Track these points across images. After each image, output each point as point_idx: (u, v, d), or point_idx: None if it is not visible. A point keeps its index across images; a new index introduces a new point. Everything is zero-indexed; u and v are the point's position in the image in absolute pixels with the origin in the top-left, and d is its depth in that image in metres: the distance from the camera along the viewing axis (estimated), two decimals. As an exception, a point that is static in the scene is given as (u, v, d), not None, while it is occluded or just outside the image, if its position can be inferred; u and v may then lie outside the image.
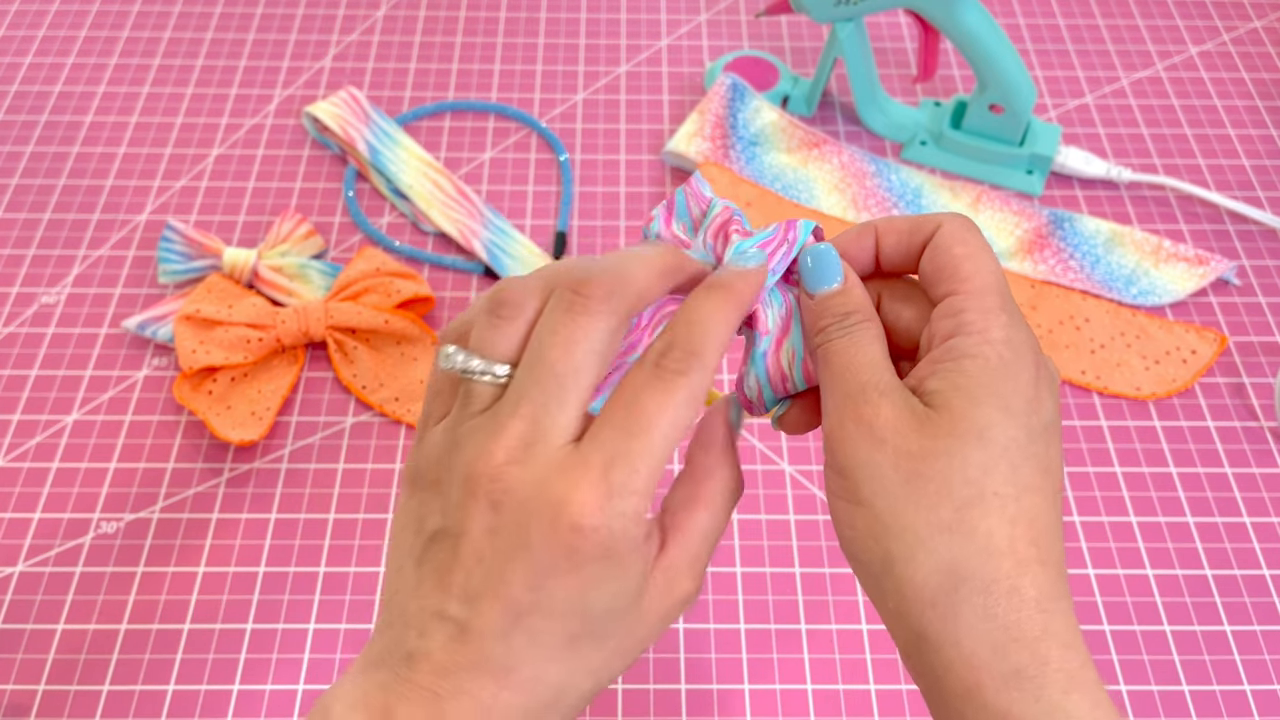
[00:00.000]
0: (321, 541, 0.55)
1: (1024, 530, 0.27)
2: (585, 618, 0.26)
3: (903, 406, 0.27)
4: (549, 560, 0.25)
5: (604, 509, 0.25)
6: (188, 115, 0.74)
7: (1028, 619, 0.26)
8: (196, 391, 0.58)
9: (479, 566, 0.26)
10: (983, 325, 0.28)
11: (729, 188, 0.68)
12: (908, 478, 0.27)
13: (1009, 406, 0.27)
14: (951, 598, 0.26)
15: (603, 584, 0.26)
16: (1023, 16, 0.82)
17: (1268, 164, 0.72)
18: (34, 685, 0.50)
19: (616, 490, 0.25)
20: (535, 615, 0.26)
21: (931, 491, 0.27)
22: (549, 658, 0.26)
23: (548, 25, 0.81)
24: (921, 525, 0.27)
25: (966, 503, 0.26)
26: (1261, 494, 0.57)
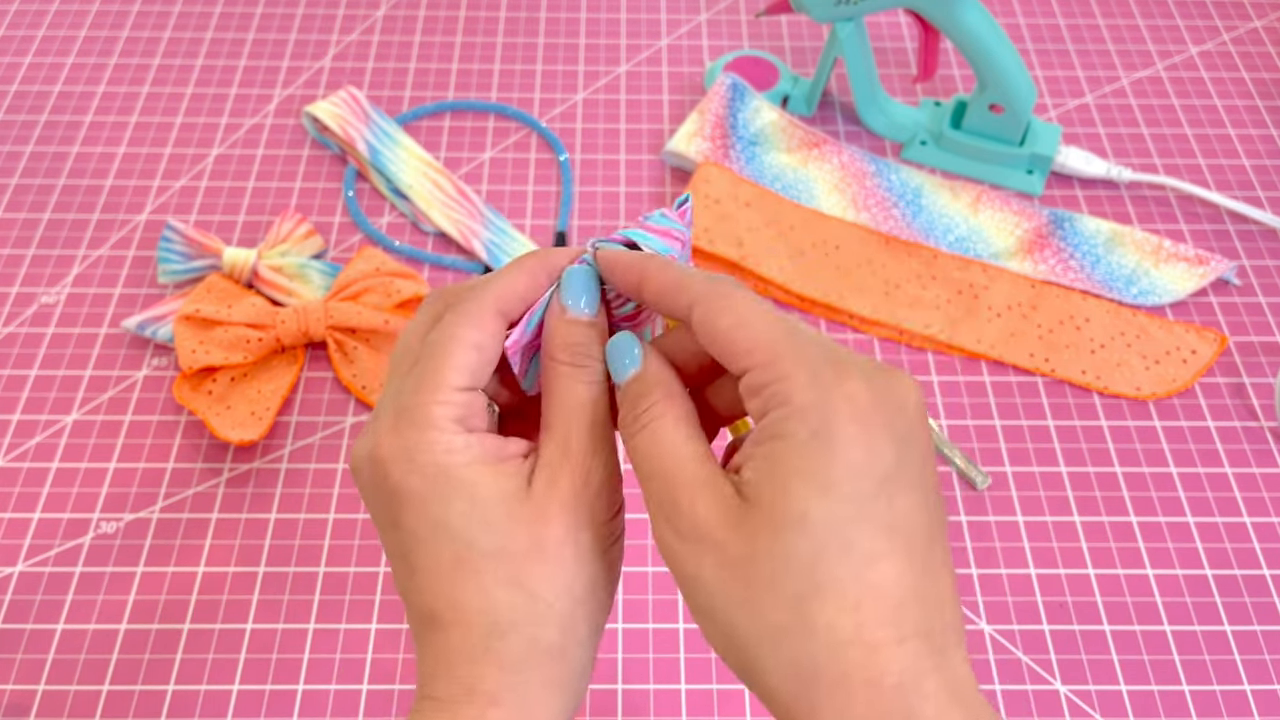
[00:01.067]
0: (321, 541, 0.55)
1: (872, 611, 0.24)
2: (452, 537, 0.27)
3: (717, 504, 0.26)
4: (384, 500, 0.28)
5: (394, 434, 0.28)
6: (187, 115, 0.74)
7: (891, 707, 0.24)
8: (196, 391, 0.58)
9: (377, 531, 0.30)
10: (783, 396, 0.25)
11: (729, 188, 0.68)
12: (737, 586, 0.25)
13: (826, 482, 0.24)
14: (809, 700, 0.24)
15: (435, 500, 0.27)
16: (1023, 16, 0.82)
17: (1268, 164, 0.72)
18: (34, 685, 0.50)
19: (403, 413, 0.28)
20: (412, 553, 0.28)
21: (762, 595, 0.25)
22: (452, 586, 0.27)
23: (548, 25, 0.81)
24: (760, 631, 0.25)
25: (800, 599, 0.24)
26: (1261, 494, 0.57)
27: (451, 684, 0.27)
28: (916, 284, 0.64)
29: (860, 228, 0.67)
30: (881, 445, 0.25)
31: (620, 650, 0.52)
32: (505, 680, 0.27)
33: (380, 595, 0.53)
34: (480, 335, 0.29)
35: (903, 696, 0.24)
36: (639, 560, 0.54)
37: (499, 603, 0.27)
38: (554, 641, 0.28)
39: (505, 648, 0.27)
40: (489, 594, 0.27)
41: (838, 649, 0.24)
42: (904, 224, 0.68)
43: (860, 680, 0.24)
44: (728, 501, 0.25)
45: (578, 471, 0.28)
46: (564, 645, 0.28)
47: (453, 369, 0.28)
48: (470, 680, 0.27)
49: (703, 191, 0.68)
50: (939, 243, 0.67)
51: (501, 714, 0.27)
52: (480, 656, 0.27)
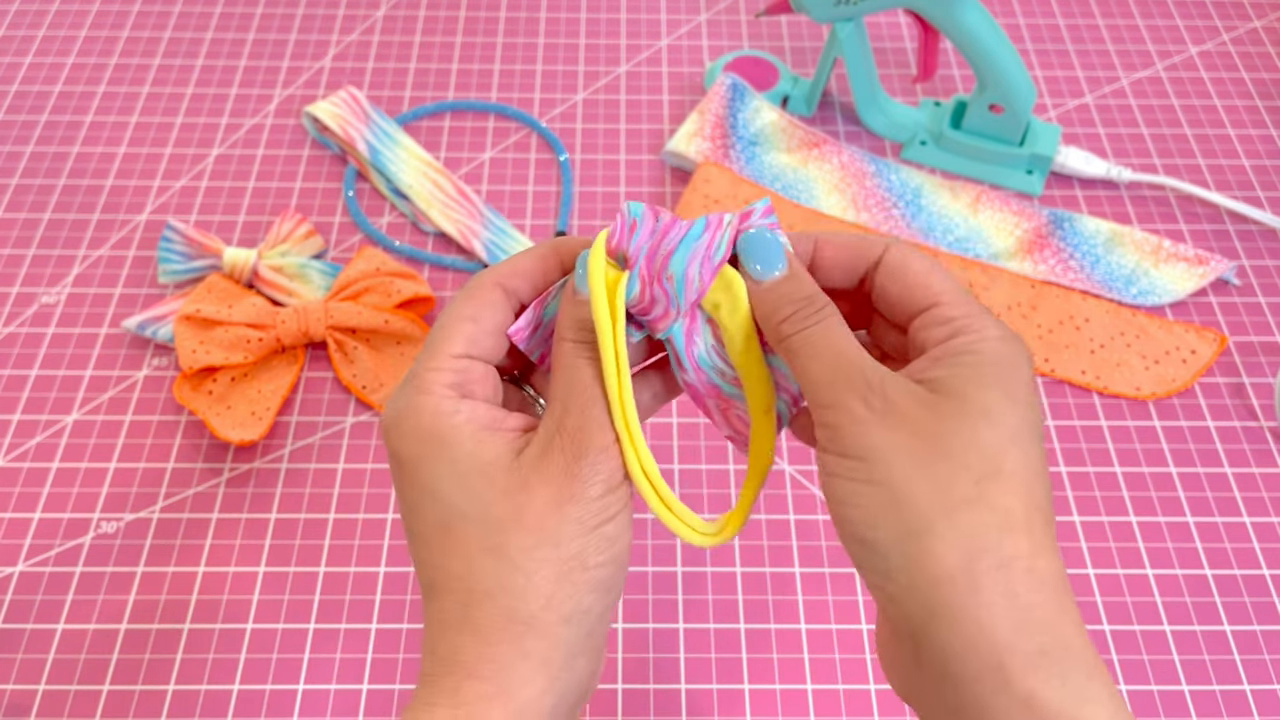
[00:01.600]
0: (321, 541, 0.55)
1: (1035, 512, 0.27)
2: (435, 499, 0.28)
3: (907, 391, 0.28)
4: (391, 465, 0.29)
5: (392, 400, 0.29)
6: (188, 115, 0.74)
7: (1046, 600, 0.26)
8: (196, 391, 0.58)
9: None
10: (979, 326, 0.28)
11: (729, 188, 0.68)
12: (925, 456, 0.27)
13: (1013, 394, 0.27)
14: (971, 571, 0.26)
15: (423, 463, 0.28)
16: (1023, 16, 0.82)
17: (1268, 164, 0.72)
18: (34, 685, 0.50)
19: (407, 380, 0.29)
20: (409, 520, 0.29)
21: (950, 467, 0.26)
22: (443, 553, 0.28)
23: (548, 25, 0.81)
24: (942, 500, 0.26)
25: (985, 477, 0.26)
26: (1261, 494, 0.57)
27: (435, 655, 0.28)
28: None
29: (860, 228, 0.67)
30: (1036, 400, 0.28)
31: (620, 650, 0.52)
32: (481, 652, 0.27)
33: (380, 595, 0.53)
34: (475, 307, 0.30)
35: (1057, 594, 0.26)
36: (639, 560, 0.54)
37: (477, 569, 0.27)
38: (533, 614, 0.27)
39: (482, 616, 0.27)
40: (470, 560, 0.27)
41: (1012, 531, 0.26)
42: (904, 224, 0.68)
43: (1025, 566, 0.26)
44: (916, 390, 0.28)
45: (569, 445, 0.28)
46: (546, 620, 0.27)
47: (447, 338, 0.29)
48: (449, 651, 0.27)
49: (702, 191, 0.68)
50: (939, 243, 0.67)
51: (479, 688, 0.27)
52: (458, 625, 0.27)
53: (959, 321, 0.29)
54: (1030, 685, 0.25)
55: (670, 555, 0.55)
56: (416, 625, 0.52)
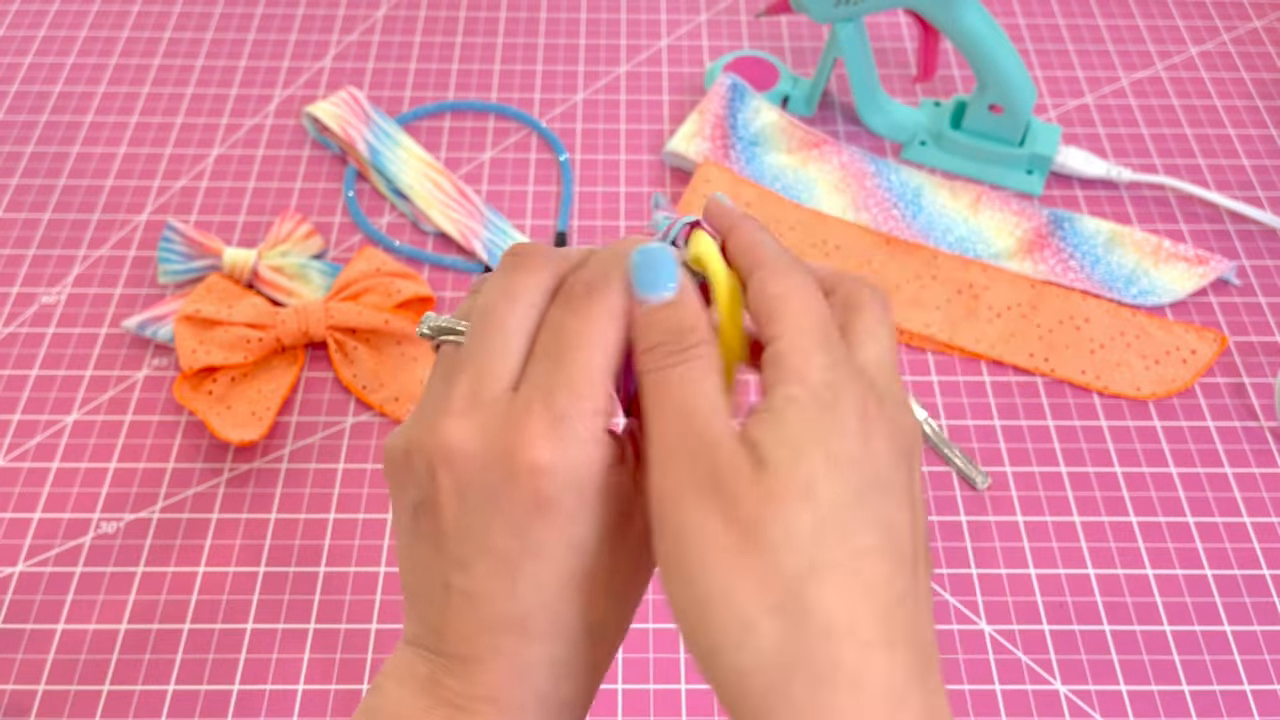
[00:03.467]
0: (321, 541, 0.55)
1: (866, 607, 0.23)
2: (581, 554, 0.26)
3: (736, 459, 0.24)
4: (522, 509, 0.25)
5: (556, 441, 0.25)
6: (188, 115, 0.74)
7: (875, 716, 0.22)
8: (196, 391, 0.58)
9: (459, 529, 0.26)
10: (800, 368, 0.25)
11: (729, 188, 0.68)
12: (737, 548, 0.23)
13: (833, 457, 0.24)
14: (785, 690, 0.23)
15: (583, 514, 0.25)
16: (1023, 16, 0.82)
17: (1268, 164, 0.72)
18: (34, 685, 0.50)
19: (562, 418, 0.25)
20: (528, 561, 0.26)
21: (761, 564, 0.23)
22: (559, 599, 0.26)
23: (548, 25, 0.81)
24: (750, 605, 0.23)
25: (798, 577, 0.23)
26: (1261, 494, 0.57)
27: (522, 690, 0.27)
28: (916, 284, 0.64)
29: (860, 228, 0.67)
30: (882, 446, 0.25)
31: (620, 650, 0.52)
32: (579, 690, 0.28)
33: (380, 596, 0.53)
34: (621, 335, 0.26)
35: (888, 706, 0.23)
36: (639, 560, 0.54)
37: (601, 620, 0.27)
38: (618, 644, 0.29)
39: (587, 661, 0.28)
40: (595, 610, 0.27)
41: (831, 639, 0.23)
42: (904, 224, 0.68)
43: (848, 679, 0.23)
44: (743, 459, 0.24)
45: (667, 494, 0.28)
46: (617, 643, 0.29)
47: (604, 372, 0.26)
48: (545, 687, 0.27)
49: (703, 192, 0.68)
50: (939, 243, 0.67)
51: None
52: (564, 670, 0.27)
53: (782, 361, 0.25)
54: None
55: (670, 555, 0.55)
56: (416, 625, 0.52)
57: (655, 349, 0.26)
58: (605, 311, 0.26)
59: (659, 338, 0.26)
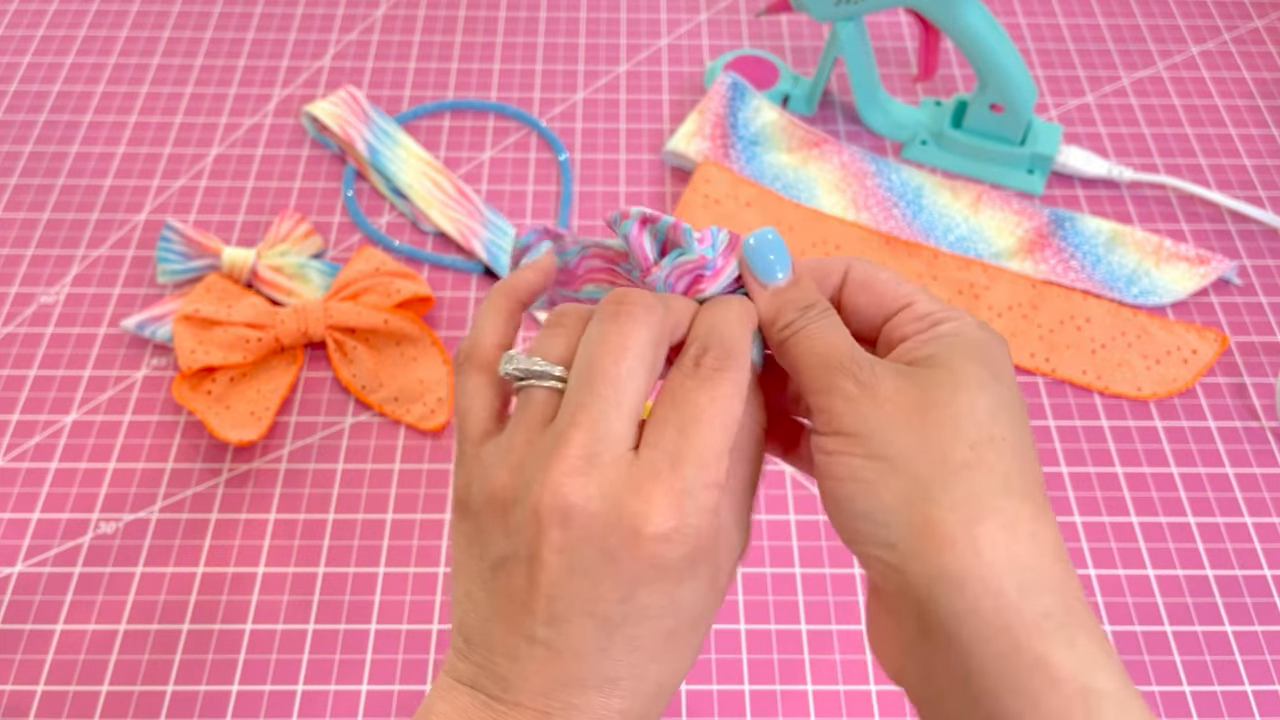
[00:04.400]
0: (321, 541, 0.55)
1: (1031, 479, 0.27)
2: (678, 614, 0.27)
3: (897, 370, 0.28)
4: (636, 572, 0.26)
5: (682, 511, 0.26)
6: (187, 115, 0.74)
7: (1049, 566, 0.26)
8: (195, 391, 0.58)
9: (561, 588, 0.26)
10: (956, 316, 0.29)
11: (729, 187, 0.68)
12: (920, 425, 0.27)
13: (997, 372, 0.28)
14: (974, 533, 0.26)
15: (690, 580, 0.26)
16: (1023, 16, 0.82)
17: (1269, 163, 0.72)
18: (33, 686, 0.50)
19: (690, 490, 0.26)
20: (629, 625, 0.26)
21: (945, 434, 0.27)
22: (650, 659, 0.27)
23: (548, 25, 0.81)
24: (939, 466, 0.26)
25: (980, 443, 0.27)
26: (1263, 494, 0.57)
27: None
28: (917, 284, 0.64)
29: (861, 227, 0.67)
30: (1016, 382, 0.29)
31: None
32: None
33: (380, 596, 0.53)
34: (742, 410, 0.28)
35: (1058, 561, 0.26)
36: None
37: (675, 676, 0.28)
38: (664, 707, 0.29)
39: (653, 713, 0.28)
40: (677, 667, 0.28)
41: (1011, 495, 0.26)
42: (904, 224, 0.68)
43: (1028, 530, 0.26)
44: (905, 369, 0.28)
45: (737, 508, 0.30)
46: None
47: (726, 448, 0.27)
48: None
49: (703, 191, 0.68)
50: (939, 243, 0.67)
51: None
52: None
53: (936, 314, 0.29)
54: (1040, 648, 0.25)
55: (670, 555, 0.54)
56: (416, 626, 0.52)
57: (791, 321, 0.29)
58: (735, 390, 0.27)
59: (791, 313, 0.29)
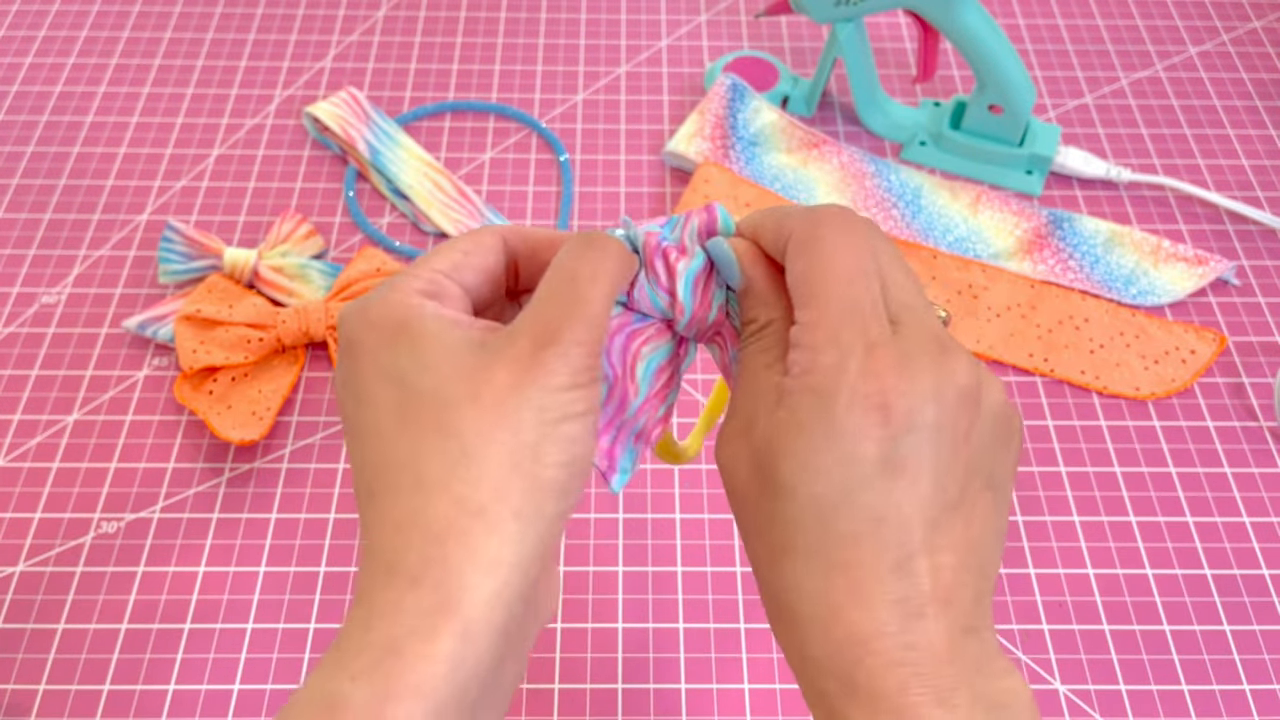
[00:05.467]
0: (321, 541, 0.55)
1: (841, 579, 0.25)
2: (390, 380, 0.26)
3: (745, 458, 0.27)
4: (341, 364, 0.28)
5: (379, 299, 0.27)
6: (188, 115, 0.74)
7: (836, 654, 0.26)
8: (197, 391, 0.58)
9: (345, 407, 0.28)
10: (809, 363, 0.26)
11: (729, 188, 0.68)
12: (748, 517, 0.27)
13: (814, 465, 0.25)
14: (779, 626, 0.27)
15: (383, 349, 0.26)
16: (1022, 16, 0.82)
17: (1267, 164, 0.72)
18: (34, 685, 0.51)
19: (393, 283, 0.27)
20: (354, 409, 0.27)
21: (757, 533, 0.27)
22: (389, 439, 0.26)
23: (548, 25, 0.81)
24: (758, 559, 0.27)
25: (774, 550, 0.26)
26: (1261, 494, 0.57)
27: (371, 565, 0.25)
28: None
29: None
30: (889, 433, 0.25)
31: (620, 650, 0.52)
32: (427, 552, 0.24)
33: (380, 595, 0.53)
34: (470, 243, 0.29)
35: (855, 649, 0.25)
36: (639, 560, 0.54)
37: (426, 451, 0.25)
38: (483, 505, 0.25)
39: (429, 508, 0.24)
40: (420, 442, 0.25)
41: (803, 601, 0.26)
42: (904, 224, 0.68)
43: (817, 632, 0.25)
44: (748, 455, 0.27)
45: (540, 331, 0.26)
46: (496, 513, 0.25)
47: (431, 258, 0.28)
48: (390, 555, 0.24)
49: (703, 192, 0.68)
50: (938, 243, 0.67)
51: (420, 597, 0.24)
52: (405, 522, 0.25)
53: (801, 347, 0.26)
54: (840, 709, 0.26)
55: (670, 555, 0.55)
56: (417, 625, 0.52)
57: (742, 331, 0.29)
58: (467, 234, 0.29)
59: (742, 329, 0.29)
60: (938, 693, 0.24)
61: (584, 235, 0.28)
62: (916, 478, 0.25)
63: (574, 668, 0.51)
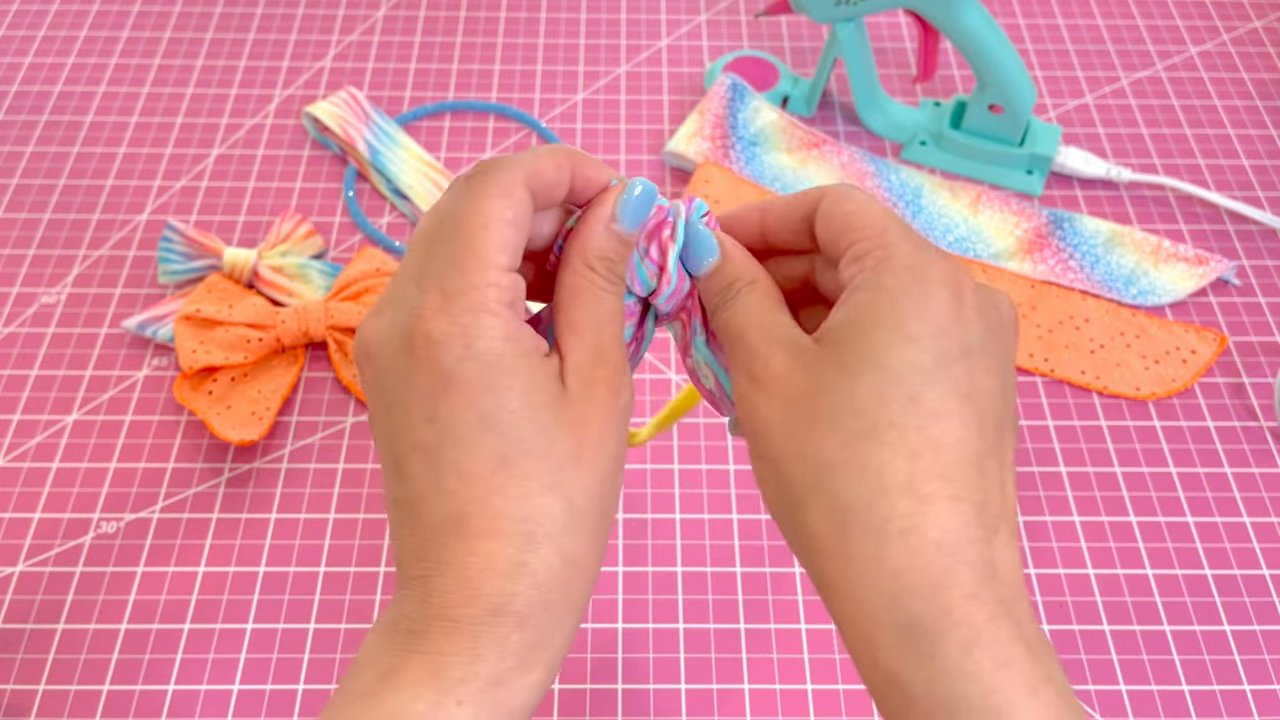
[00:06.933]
0: (321, 541, 0.55)
1: (929, 463, 0.24)
2: (498, 432, 0.25)
3: (793, 350, 0.27)
4: (425, 385, 0.25)
5: (447, 312, 0.25)
6: (188, 115, 0.74)
7: (926, 564, 0.24)
8: (196, 391, 0.58)
9: (390, 431, 0.26)
10: (884, 256, 0.26)
11: (729, 188, 0.68)
12: (795, 421, 0.25)
13: (909, 331, 0.25)
14: (842, 541, 0.24)
15: (489, 390, 0.25)
16: (1023, 16, 0.82)
17: (1267, 164, 0.72)
18: (34, 685, 0.50)
19: (453, 293, 0.25)
20: (448, 447, 0.25)
21: (817, 430, 0.25)
22: (492, 489, 0.25)
23: (548, 25, 0.81)
24: (809, 467, 0.25)
25: (854, 436, 0.24)
26: (1261, 494, 0.57)
27: (474, 603, 0.25)
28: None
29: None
30: (972, 319, 0.25)
31: (620, 650, 0.52)
32: (536, 598, 0.25)
33: (380, 595, 0.53)
34: (515, 210, 0.26)
35: (941, 554, 0.24)
36: (639, 560, 0.54)
37: (540, 511, 0.25)
38: (581, 554, 0.26)
39: (539, 562, 0.25)
40: (531, 501, 0.25)
41: (885, 493, 0.24)
42: (904, 224, 0.68)
43: (900, 528, 0.24)
44: (803, 347, 0.26)
45: (612, 380, 0.27)
46: (586, 559, 0.26)
47: (496, 248, 0.26)
48: (498, 599, 0.25)
49: (703, 192, 0.68)
50: (939, 243, 0.67)
51: (525, 637, 0.25)
52: (513, 572, 0.25)
53: (868, 256, 0.26)
54: (892, 666, 0.24)
55: (670, 555, 0.55)
56: (416, 625, 0.52)
57: (713, 306, 0.29)
58: (493, 191, 0.26)
59: (712, 298, 0.29)
60: (1021, 630, 0.24)
61: (602, 256, 0.28)
62: (991, 369, 0.25)
63: (574, 668, 0.51)
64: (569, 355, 0.27)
